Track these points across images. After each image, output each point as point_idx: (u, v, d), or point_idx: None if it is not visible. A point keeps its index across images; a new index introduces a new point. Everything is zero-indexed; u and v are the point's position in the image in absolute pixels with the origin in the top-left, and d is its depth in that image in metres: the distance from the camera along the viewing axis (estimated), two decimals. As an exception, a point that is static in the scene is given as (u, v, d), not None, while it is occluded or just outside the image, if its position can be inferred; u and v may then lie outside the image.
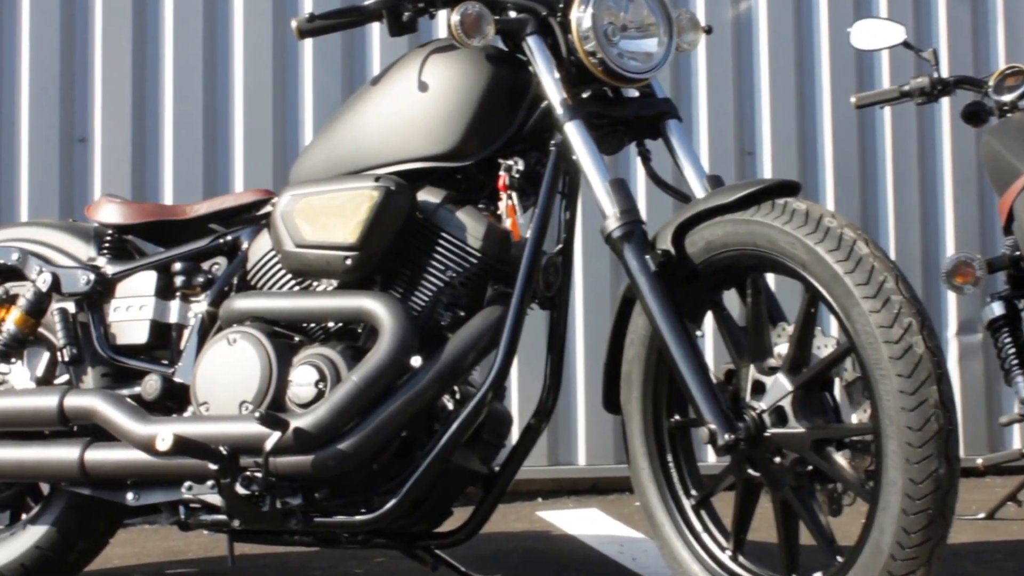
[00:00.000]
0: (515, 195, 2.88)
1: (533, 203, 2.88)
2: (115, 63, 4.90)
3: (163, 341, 3.18)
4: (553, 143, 2.85)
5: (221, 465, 2.81)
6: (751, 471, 2.69)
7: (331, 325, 2.97)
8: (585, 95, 2.89)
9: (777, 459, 2.62)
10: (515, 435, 3.08)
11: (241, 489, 2.81)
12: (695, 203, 2.73)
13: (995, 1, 5.60)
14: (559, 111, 2.81)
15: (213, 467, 2.81)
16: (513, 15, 2.90)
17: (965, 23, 5.55)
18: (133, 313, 3.21)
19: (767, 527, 2.74)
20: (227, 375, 2.93)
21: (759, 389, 2.64)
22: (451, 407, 2.90)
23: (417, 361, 2.80)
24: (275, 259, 3.04)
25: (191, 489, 2.96)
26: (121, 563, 3.87)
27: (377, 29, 4.97)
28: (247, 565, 3.73)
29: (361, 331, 2.94)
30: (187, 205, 3.34)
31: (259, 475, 2.79)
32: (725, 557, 2.80)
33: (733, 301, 2.78)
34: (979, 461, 4.48)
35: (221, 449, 2.80)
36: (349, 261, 2.88)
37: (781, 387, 2.59)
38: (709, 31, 3.11)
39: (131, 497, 3.07)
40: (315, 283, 3.01)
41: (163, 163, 4.91)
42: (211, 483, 2.92)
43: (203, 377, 2.98)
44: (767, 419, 2.60)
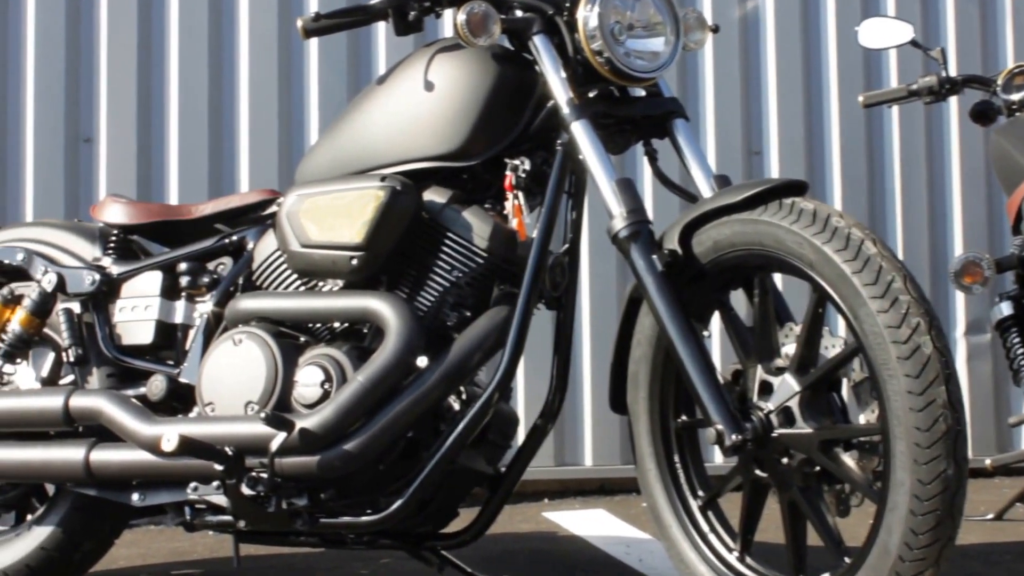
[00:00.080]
0: (521, 195, 2.88)
1: (539, 203, 2.87)
2: (120, 63, 4.90)
3: (168, 341, 3.19)
4: (559, 143, 2.85)
5: (227, 466, 2.80)
6: (758, 472, 2.68)
7: (337, 325, 2.97)
8: (592, 94, 2.88)
9: (784, 460, 2.61)
10: (521, 436, 3.08)
11: (247, 490, 2.81)
12: (702, 203, 2.72)
13: (1004, -1, 5.60)
14: (565, 110, 2.81)
15: (218, 468, 2.81)
16: (519, 14, 2.90)
17: (973, 21, 5.53)
18: (138, 313, 3.21)
19: (774, 528, 2.73)
20: (233, 375, 2.93)
21: (766, 389, 2.63)
22: (457, 408, 2.89)
23: (423, 361, 2.79)
24: (281, 259, 3.04)
25: (196, 490, 2.97)
26: (127, 564, 3.86)
27: (383, 28, 4.96)
28: (253, 566, 3.72)
29: (367, 331, 2.94)
30: (192, 205, 3.34)
31: (265, 476, 2.79)
32: (732, 558, 2.79)
33: (740, 301, 2.77)
34: (988, 462, 4.46)
35: (227, 450, 2.80)
36: (355, 261, 2.87)
37: (788, 387, 2.58)
38: (716, 30, 3.10)
39: (136, 498, 3.07)
40: (321, 283, 3.00)
41: (168, 163, 4.91)
42: (216, 484, 2.92)
43: (209, 377, 2.97)
44: (774, 420, 2.59)
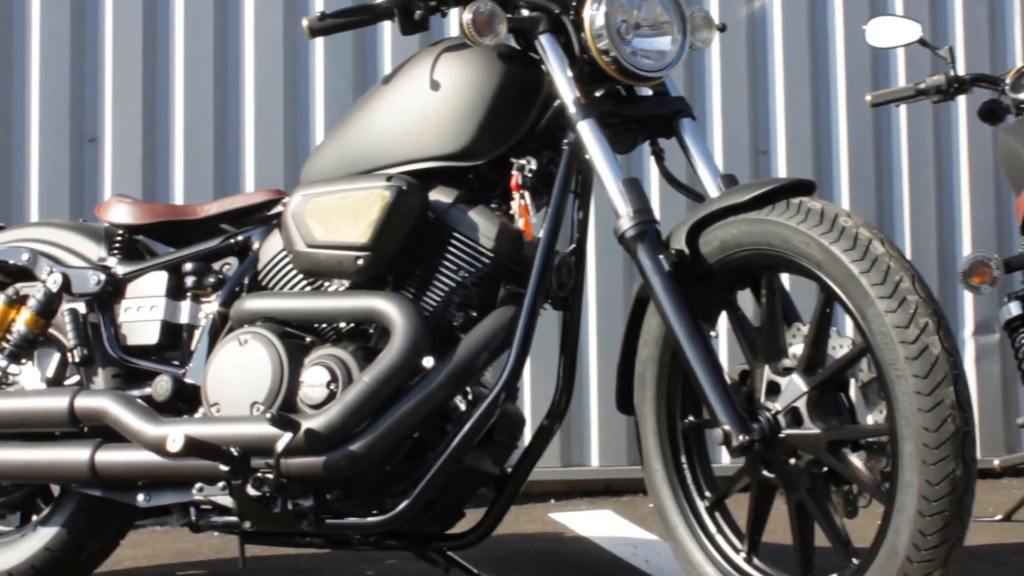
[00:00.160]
0: (528, 195, 2.87)
1: (546, 203, 2.87)
2: (125, 62, 4.90)
3: (174, 342, 3.18)
4: (566, 142, 2.84)
5: (232, 466, 2.80)
6: (766, 472, 2.68)
7: (343, 326, 2.96)
8: (598, 94, 2.87)
9: (792, 460, 2.60)
10: (528, 436, 3.07)
11: (252, 490, 2.80)
12: (709, 202, 2.72)
13: (1012, -2, 5.58)
14: (572, 110, 2.80)
15: (224, 468, 2.81)
16: (525, 13, 2.89)
17: (982, 20, 5.52)
18: (144, 314, 3.20)
19: (782, 529, 2.73)
20: (238, 376, 2.93)
21: (774, 390, 2.62)
22: (463, 408, 2.89)
23: (429, 362, 2.79)
24: (286, 259, 3.03)
25: (202, 490, 2.96)
26: (132, 565, 3.86)
27: (389, 28, 4.96)
28: (258, 567, 3.72)
29: (373, 332, 2.93)
30: (198, 205, 3.34)
31: (270, 476, 2.78)
32: (739, 559, 2.79)
33: (747, 301, 2.77)
34: (996, 462, 4.46)
35: (232, 450, 2.80)
36: (361, 261, 2.87)
37: (796, 388, 2.57)
38: (723, 29, 3.09)
39: (142, 498, 3.06)
40: (327, 283, 3.00)
41: (174, 163, 4.91)
42: (222, 484, 2.91)
43: (214, 378, 2.97)
44: (782, 420, 2.59)
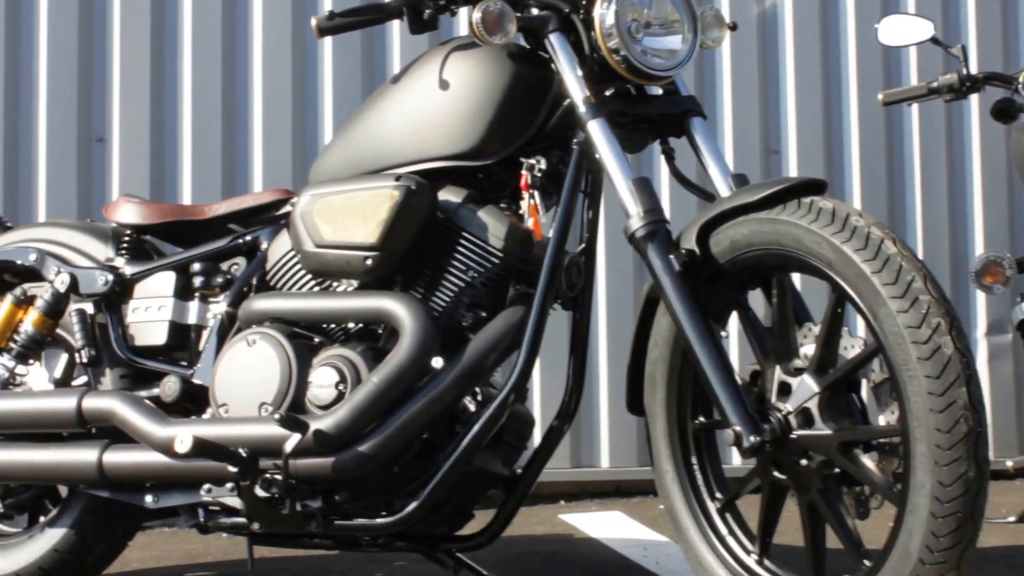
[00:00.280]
0: (537, 194, 2.86)
1: (555, 202, 2.86)
2: (133, 62, 4.90)
3: (182, 342, 3.18)
4: (576, 141, 2.83)
5: (240, 467, 2.79)
6: (777, 473, 2.67)
7: (351, 326, 2.95)
8: (608, 93, 2.87)
9: (803, 461, 2.59)
10: (537, 437, 3.06)
11: (261, 492, 2.80)
12: (720, 202, 2.70)
13: (1025, -4, 5.57)
14: (582, 109, 2.79)
15: (232, 469, 2.80)
16: (535, 12, 2.88)
17: (994, 18, 5.51)
18: (152, 314, 3.20)
19: (793, 530, 2.72)
20: (246, 376, 2.92)
21: (785, 390, 2.61)
22: (473, 409, 2.88)
23: (438, 362, 2.78)
24: (295, 259, 3.03)
25: (210, 492, 2.96)
26: (140, 566, 3.86)
27: (397, 27, 4.95)
28: (267, 568, 3.72)
29: (382, 332, 2.93)
30: (206, 205, 3.33)
31: (279, 477, 2.78)
32: (751, 561, 2.77)
33: (758, 301, 2.76)
34: (1009, 463, 4.45)
35: (240, 451, 2.79)
36: (369, 261, 2.86)
37: (807, 388, 2.56)
38: (734, 28, 3.08)
39: (150, 500, 3.06)
40: (335, 283, 2.99)
41: (181, 163, 4.91)
42: (230, 485, 2.91)
43: (222, 378, 2.96)
44: (793, 421, 2.58)
